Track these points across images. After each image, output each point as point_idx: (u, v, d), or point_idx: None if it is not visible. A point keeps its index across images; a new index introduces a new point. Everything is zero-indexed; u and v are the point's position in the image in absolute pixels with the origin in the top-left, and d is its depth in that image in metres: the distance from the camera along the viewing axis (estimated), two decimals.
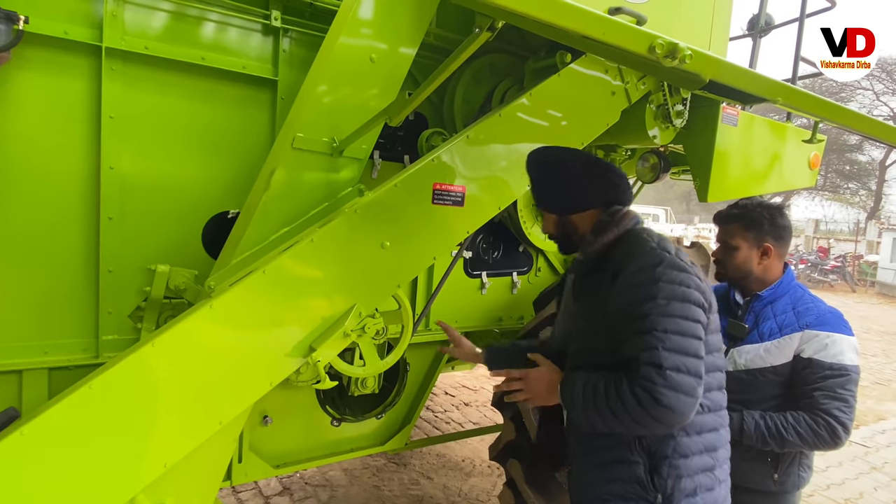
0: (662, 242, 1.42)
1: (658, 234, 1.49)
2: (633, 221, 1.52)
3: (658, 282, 1.31)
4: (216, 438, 1.56)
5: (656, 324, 1.27)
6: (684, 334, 1.28)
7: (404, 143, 2.41)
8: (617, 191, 1.55)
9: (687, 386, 1.25)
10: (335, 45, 1.69)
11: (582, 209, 1.56)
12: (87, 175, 1.83)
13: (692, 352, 1.28)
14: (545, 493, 2.24)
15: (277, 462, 2.49)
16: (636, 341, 1.30)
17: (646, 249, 1.39)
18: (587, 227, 1.55)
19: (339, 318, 1.65)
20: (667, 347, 1.26)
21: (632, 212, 1.55)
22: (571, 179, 1.56)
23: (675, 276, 1.32)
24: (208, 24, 1.97)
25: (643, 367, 1.26)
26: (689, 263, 1.37)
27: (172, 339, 1.42)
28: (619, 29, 1.01)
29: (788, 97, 1.27)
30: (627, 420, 1.28)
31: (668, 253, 1.37)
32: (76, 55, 1.77)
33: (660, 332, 1.27)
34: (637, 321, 1.31)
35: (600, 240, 1.49)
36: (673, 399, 1.23)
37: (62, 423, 1.32)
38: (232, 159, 2.06)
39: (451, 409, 5.11)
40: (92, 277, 1.88)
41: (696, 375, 1.27)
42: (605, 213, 1.54)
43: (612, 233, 1.48)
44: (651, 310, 1.29)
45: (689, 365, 1.26)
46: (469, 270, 2.71)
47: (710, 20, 2.53)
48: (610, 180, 1.55)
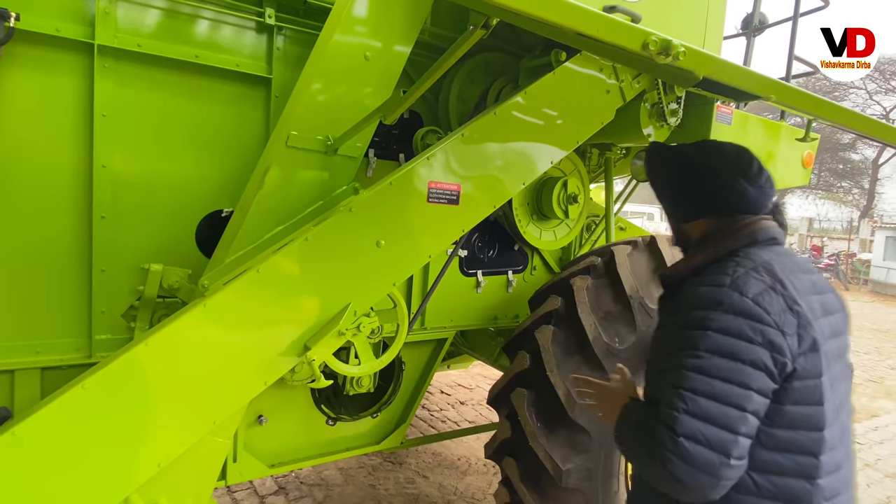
0: (743, 279, 1.13)
1: (762, 261, 1.17)
2: (744, 240, 1.23)
3: (706, 329, 1.09)
4: (210, 438, 1.55)
5: (685, 380, 1.07)
6: (720, 400, 1.05)
7: (399, 142, 2.40)
8: (733, 200, 1.27)
9: (704, 461, 1.04)
10: (329, 43, 1.68)
11: (692, 218, 1.32)
12: (79, 173, 1.82)
13: (725, 422, 1.05)
14: (540, 491, 2.24)
15: (272, 461, 2.49)
16: (665, 394, 1.11)
17: (712, 283, 1.15)
18: (696, 238, 1.32)
19: (334, 317, 1.64)
20: (689, 411, 1.05)
21: (752, 227, 1.24)
22: (681, 180, 1.33)
23: (733, 326, 1.08)
24: (202, 22, 1.96)
25: (658, 427, 1.08)
26: (767, 310, 1.09)
27: (166, 338, 1.41)
28: (613, 26, 1.01)
29: (781, 94, 1.27)
30: (648, 473, 1.13)
31: (738, 293, 1.10)
32: (68, 53, 1.75)
33: (686, 390, 1.06)
34: (669, 371, 1.12)
35: (686, 261, 1.27)
36: (683, 472, 1.04)
37: (55, 424, 1.31)
38: (226, 157, 2.05)
39: (447, 408, 5.11)
40: (84, 276, 1.87)
41: (721, 452, 1.04)
42: (714, 224, 1.28)
43: (704, 253, 1.25)
44: (685, 362, 1.08)
45: (714, 437, 1.04)
46: (465, 269, 2.71)
47: (705, 19, 2.53)
48: (726, 187, 1.27)
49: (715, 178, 1.28)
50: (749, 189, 1.26)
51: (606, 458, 2.26)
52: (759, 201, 1.27)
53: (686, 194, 1.33)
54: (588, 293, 2.32)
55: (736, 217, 1.26)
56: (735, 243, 1.22)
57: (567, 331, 2.30)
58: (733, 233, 1.23)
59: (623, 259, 2.38)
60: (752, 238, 1.22)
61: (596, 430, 2.19)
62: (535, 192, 2.70)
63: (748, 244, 1.22)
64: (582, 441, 2.19)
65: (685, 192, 1.33)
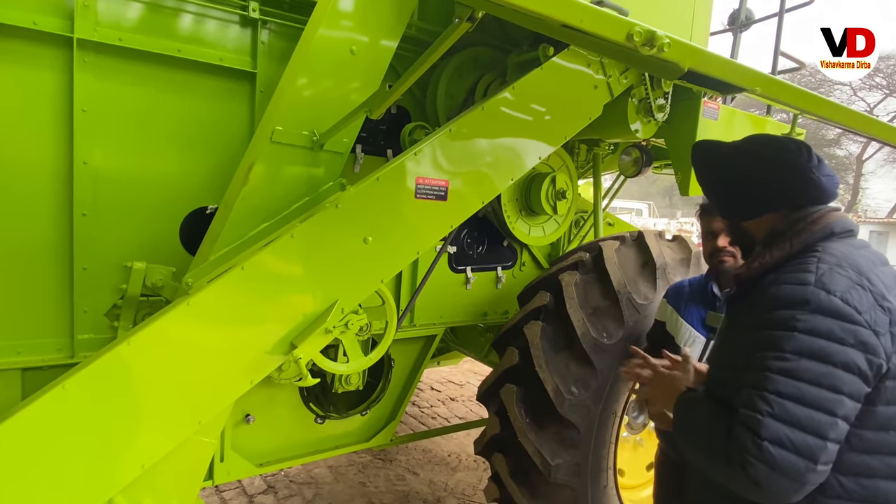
0: (828, 276, 1.07)
1: (842, 255, 1.12)
2: (820, 233, 1.17)
3: (792, 330, 1.03)
4: (196, 438, 1.53)
5: (769, 383, 1.02)
6: (808, 404, 1.00)
7: (387, 138, 2.39)
8: (806, 189, 1.21)
9: (790, 467, 0.99)
10: (315, 37, 1.66)
11: (756, 214, 1.26)
12: (59, 170, 1.78)
13: (813, 427, 1.00)
14: (529, 487, 2.25)
15: (261, 460, 2.47)
16: (745, 395, 1.05)
17: (795, 281, 1.09)
18: (762, 235, 1.26)
19: (321, 314, 1.63)
20: (775, 415, 1.00)
21: (827, 218, 1.19)
22: (742, 176, 1.25)
23: (822, 327, 1.02)
24: (184, 15, 1.92)
25: (738, 429, 1.03)
26: (857, 309, 1.03)
27: (148, 337, 1.39)
28: (597, 16, 1.00)
29: (766, 87, 1.27)
30: (716, 473, 1.10)
31: (825, 291, 1.04)
32: (46, 46, 1.72)
33: (771, 393, 1.01)
34: (751, 372, 1.06)
35: (761, 258, 1.19)
36: (765, 477, 0.99)
37: (34, 425, 1.29)
38: (210, 153, 2.02)
39: (437, 405, 5.11)
40: (66, 275, 1.83)
41: (808, 458, 0.99)
42: (784, 218, 1.22)
43: (780, 250, 1.17)
44: (772, 364, 1.03)
45: (801, 443, 0.99)
46: (454, 265, 2.70)
47: (692, 15, 2.54)
48: (799, 176, 1.21)
49: (784, 170, 1.22)
50: (821, 178, 1.20)
51: (595, 453, 2.27)
52: (830, 190, 1.22)
53: (748, 190, 1.27)
54: (576, 289, 2.32)
55: (807, 209, 1.21)
56: (811, 237, 1.17)
57: (556, 326, 2.30)
58: (808, 226, 1.18)
59: (611, 254, 2.39)
60: (829, 231, 1.17)
61: (585, 426, 2.20)
62: (523, 188, 2.69)
63: (825, 237, 1.16)
64: (571, 436, 2.20)
65: (747, 188, 1.27)
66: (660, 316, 2.14)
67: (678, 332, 2.00)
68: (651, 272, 2.42)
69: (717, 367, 1.29)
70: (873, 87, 23.46)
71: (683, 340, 1.97)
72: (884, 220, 23.13)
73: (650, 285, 2.39)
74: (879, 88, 23.23)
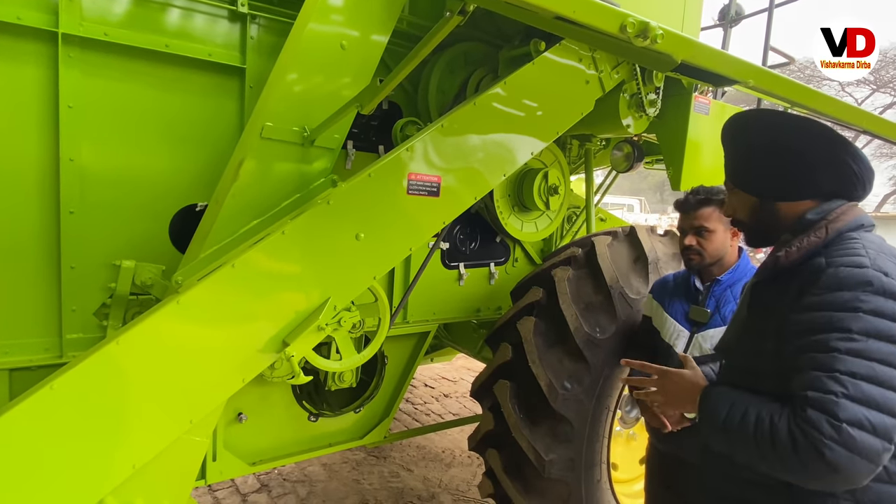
0: (880, 259, 1.09)
1: (879, 243, 1.15)
2: (852, 223, 1.19)
3: (857, 311, 1.04)
4: (187, 437, 1.52)
5: (841, 364, 1.02)
6: (881, 384, 1.00)
7: (379, 133, 2.37)
8: (848, 183, 1.23)
9: (868, 448, 0.98)
10: (305, 32, 1.64)
11: (795, 197, 1.25)
12: (45, 167, 1.76)
13: (888, 407, 1.00)
14: (524, 482, 2.25)
15: (253, 459, 2.45)
16: (811, 378, 1.04)
17: (851, 263, 1.09)
18: (790, 220, 1.25)
19: (313, 311, 1.62)
20: (850, 396, 1.00)
21: (854, 211, 1.22)
22: (797, 155, 1.23)
23: (886, 308, 1.04)
24: (172, 10, 1.90)
25: (810, 412, 1.02)
26: None
27: (138, 336, 1.38)
28: (590, 7, 1.00)
29: (758, 79, 1.27)
30: (775, 463, 1.07)
31: (885, 275, 1.06)
32: (31, 41, 1.69)
33: (844, 374, 1.01)
34: (818, 355, 1.05)
35: (800, 243, 1.19)
36: (844, 459, 0.98)
37: (22, 427, 1.27)
38: (199, 150, 2.00)
39: (431, 401, 5.11)
40: (53, 274, 1.81)
41: (885, 438, 0.99)
42: (817, 207, 1.23)
43: (816, 236, 1.18)
44: (839, 345, 1.03)
45: (879, 423, 0.99)
46: (447, 262, 2.69)
47: (682, 10, 2.54)
48: (848, 169, 1.21)
49: (846, 161, 1.22)
50: (869, 180, 1.23)
51: (589, 448, 2.27)
52: (869, 191, 1.25)
53: (802, 170, 1.23)
54: (569, 284, 2.33)
55: (836, 201, 1.23)
56: (845, 227, 1.18)
57: (549, 322, 2.30)
58: (840, 216, 1.20)
59: (603, 249, 2.39)
60: (860, 223, 1.20)
61: (578, 420, 2.21)
62: (516, 183, 2.69)
63: (857, 227, 1.19)
64: (564, 431, 2.20)
65: (801, 167, 1.23)
66: (646, 311, 2.15)
67: (663, 327, 2.02)
68: (643, 267, 2.42)
69: (741, 354, 1.27)
70: (861, 83, 23.67)
71: (668, 335, 1.98)
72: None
73: (642, 280, 2.39)
74: (867, 84, 23.44)
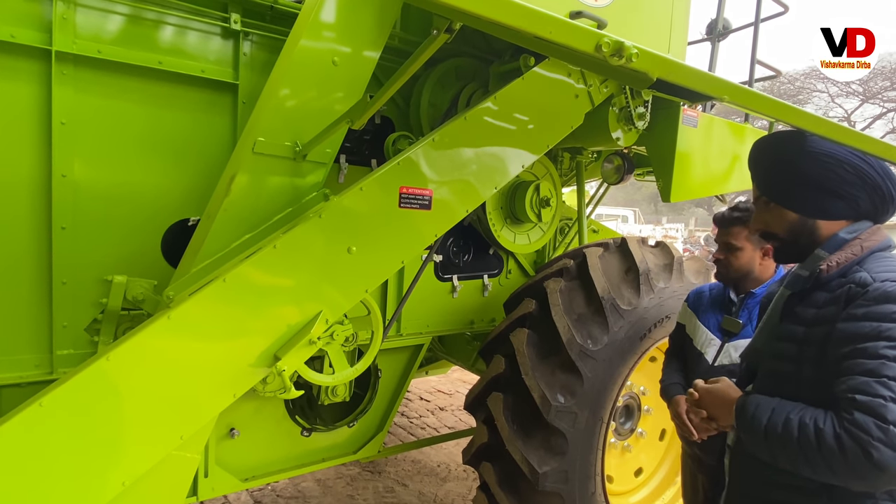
0: None
1: None
2: (882, 243, 1.31)
3: None
4: (178, 453, 1.51)
5: (889, 370, 1.10)
6: None
7: (371, 147, 2.39)
8: (881, 207, 1.35)
9: None
10: (297, 49, 1.66)
11: (834, 216, 1.34)
12: (37, 183, 1.76)
13: None
14: (518, 495, 2.24)
15: (246, 475, 2.43)
16: (859, 383, 1.12)
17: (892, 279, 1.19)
18: (824, 238, 1.35)
19: (305, 325, 1.62)
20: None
21: (882, 232, 1.34)
22: (847, 178, 1.32)
23: None
24: (165, 28, 1.92)
25: (858, 415, 1.09)
26: None
27: (129, 351, 1.37)
28: (565, 28, 1.02)
29: (734, 95, 1.30)
30: (819, 465, 1.13)
31: None
32: (24, 59, 1.70)
33: (892, 380, 1.09)
34: (866, 361, 1.13)
35: (837, 259, 1.30)
36: (891, 460, 1.05)
37: (11, 444, 1.26)
38: (192, 165, 2.01)
39: (427, 415, 5.08)
40: (45, 290, 1.81)
41: None
42: (849, 226, 1.34)
43: (853, 253, 1.30)
44: (887, 352, 1.12)
45: None
46: (440, 274, 2.70)
47: (669, 24, 2.58)
48: (887, 195, 1.33)
49: (888, 191, 1.33)
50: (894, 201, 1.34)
51: (583, 460, 2.27)
52: (893, 211, 1.37)
53: (846, 192, 1.33)
54: (561, 295, 2.34)
55: (865, 222, 1.34)
56: (876, 245, 1.30)
57: (541, 333, 2.31)
58: (870, 236, 1.31)
59: (595, 261, 2.41)
60: (889, 243, 1.31)
61: (572, 432, 2.20)
62: (508, 196, 2.71)
63: (886, 247, 1.31)
64: (558, 443, 2.20)
65: (846, 190, 1.32)
66: (681, 319, 2.20)
67: (696, 335, 2.07)
68: (634, 278, 2.44)
69: (775, 361, 1.35)
70: (850, 94, 23.99)
71: (700, 342, 2.04)
72: None
73: (634, 291, 2.41)
74: (856, 95, 23.75)
